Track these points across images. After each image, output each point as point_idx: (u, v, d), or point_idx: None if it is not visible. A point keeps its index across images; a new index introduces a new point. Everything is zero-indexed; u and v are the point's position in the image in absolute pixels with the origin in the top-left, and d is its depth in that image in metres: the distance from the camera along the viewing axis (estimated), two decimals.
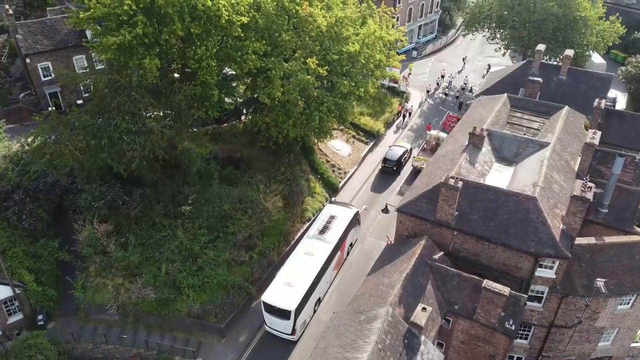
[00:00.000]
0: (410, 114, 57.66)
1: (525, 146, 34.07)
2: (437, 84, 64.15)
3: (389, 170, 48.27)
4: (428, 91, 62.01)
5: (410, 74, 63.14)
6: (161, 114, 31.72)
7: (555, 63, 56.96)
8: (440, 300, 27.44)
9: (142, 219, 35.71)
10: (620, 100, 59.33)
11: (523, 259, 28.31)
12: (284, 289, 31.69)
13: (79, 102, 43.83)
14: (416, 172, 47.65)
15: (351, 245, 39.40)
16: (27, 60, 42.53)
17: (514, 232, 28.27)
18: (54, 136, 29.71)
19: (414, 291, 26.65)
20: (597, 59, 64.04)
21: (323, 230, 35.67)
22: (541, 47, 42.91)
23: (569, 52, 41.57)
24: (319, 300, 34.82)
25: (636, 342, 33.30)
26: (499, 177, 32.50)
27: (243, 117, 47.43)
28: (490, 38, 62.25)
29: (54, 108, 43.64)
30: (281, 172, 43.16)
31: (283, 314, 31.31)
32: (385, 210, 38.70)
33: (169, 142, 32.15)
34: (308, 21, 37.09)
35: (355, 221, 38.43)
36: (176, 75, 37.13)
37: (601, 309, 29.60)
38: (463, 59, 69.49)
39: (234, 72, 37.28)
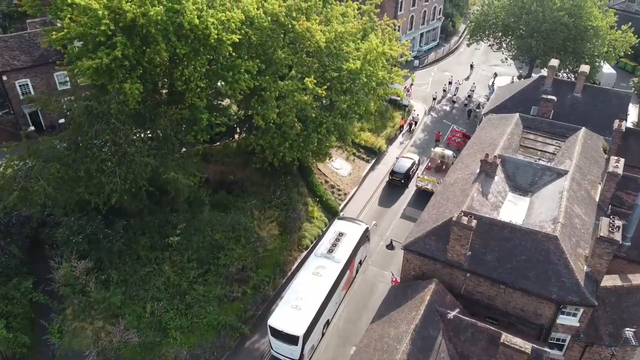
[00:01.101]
0: (416, 122, 55.37)
1: (542, 174, 31.39)
2: (444, 90, 61.77)
3: (397, 183, 45.99)
4: (434, 98, 59.65)
5: (412, 84, 60.45)
6: (144, 141, 28.80)
7: (566, 77, 54.56)
8: (453, 353, 24.70)
9: (126, 253, 32.96)
10: (632, 112, 56.67)
11: (544, 306, 25.61)
12: (292, 312, 29.64)
13: (61, 121, 40.98)
14: (420, 192, 45.09)
15: (360, 263, 37.22)
16: (4, 78, 39.67)
17: (533, 276, 25.56)
18: (25, 169, 26.85)
19: (423, 345, 23.90)
20: (606, 68, 61.42)
21: (332, 249, 33.58)
22: (554, 62, 40.24)
23: (585, 68, 38.86)
24: (327, 323, 32.66)
25: None
26: (514, 209, 29.79)
27: (236, 135, 44.65)
28: (496, 47, 59.55)
29: (33, 128, 40.78)
30: (277, 195, 40.42)
31: (290, 339, 29.06)
32: (390, 247, 35.92)
33: (154, 171, 29.35)
34: (305, 37, 34.31)
35: (364, 238, 36.35)
36: (164, 91, 34.38)
37: (629, 359, 26.95)
38: (471, 65, 67.06)
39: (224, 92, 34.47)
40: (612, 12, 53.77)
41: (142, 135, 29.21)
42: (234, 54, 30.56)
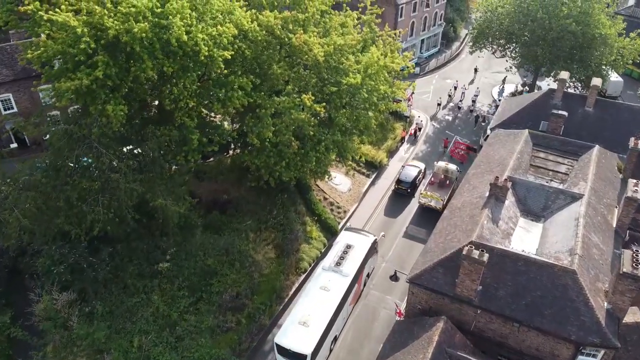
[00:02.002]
0: (420, 129, 53.87)
1: (555, 198, 29.50)
2: (449, 96, 60.21)
3: (403, 192, 44.54)
4: (439, 104, 58.28)
5: (413, 93, 58.43)
6: (130, 165, 26.75)
7: (572, 86, 52.63)
8: None
9: (112, 282, 30.95)
10: None
11: (561, 346, 23.71)
12: (299, 329, 28.63)
13: (47, 137, 38.79)
14: (424, 208, 43.16)
15: (368, 275, 35.86)
16: None
17: (549, 314, 23.66)
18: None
19: None
20: (613, 76, 59.51)
21: (339, 262, 32.43)
22: (564, 75, 38.34)
23: (596, 82, 36.95)
24: (335, 339, 31.36)
25: None
26: (526, 237, 27.88)
27: (231, 151, 42.61)
28: (500, 55, 57.62)
29: (16, 145, 38.66)
30: (273, 215, 38.39)
31: (298, 357, 27.96)
32: (394, 278, 33.96)
33: (141, 198, 27.33)
34: (303, 51, 32.31)
35: (373, 250, 35.04)
36: (154, 103, 32.30)
37: None
38: (475, 69, 65.29)
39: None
40: (621, 19, 51.84)
41: (129, 159, 27.02)
42: (225, 71, 28.51)
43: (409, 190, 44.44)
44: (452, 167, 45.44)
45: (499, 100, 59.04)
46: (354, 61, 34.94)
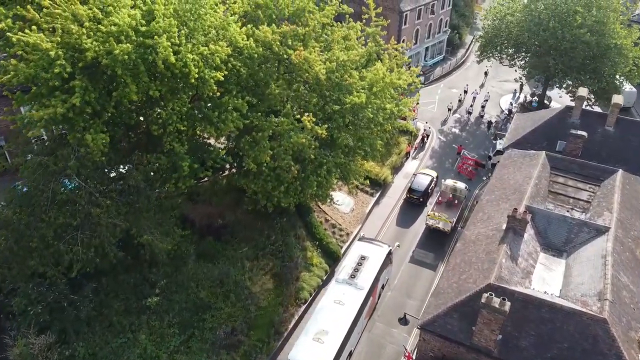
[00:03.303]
0: (428, 135, 52.27)
1: (578, 231, 27.06)
2: (459, 100, 58.57)
3: (415, 201, 42.89)
4: (450, 109, 56.64)
5: (417, 103, 55.92)
6: (113, 198, 24.30)
7: (589, 102, 50.29)
8: None
9: (96, 320, 28.42)
10: None
11: None
12: (314, 345, 27.57)
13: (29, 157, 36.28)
14: (430, 231, 40.71)
15: (382, 287, 34.65)
16: None
17: None
18: None
19: None
20: (627, 87, 57.13)
21: (354, 274, 31.27)
22: (583, 91, 35.89)
23: (618, 99, 34.46)
24: (350, 354, 30.25)
25: None
26: (548, 276, 25.43)
27: (226, 171, 40.10)
28: (509, 65, 55.27)
29: None
30: (272, 241, 35.91)
31: None
32: (404, 322, 31.48)
33: (126, 233, 24.89)
34: (303, 68, 29.85)
35: (387, 261, 33.93)
36: (141, 127, 29.87)
37: None
38: (485, 72, 63.26)
39: None
40: (637, 28, 49.41)
41: (111, 191, 24.57)
42: (218, 93, 26.06)
43: (421, 200, 42.83)
44: (461, 185, 43.00)
45: (514, 105, 57.10)
46: (358, 77, 32.50)
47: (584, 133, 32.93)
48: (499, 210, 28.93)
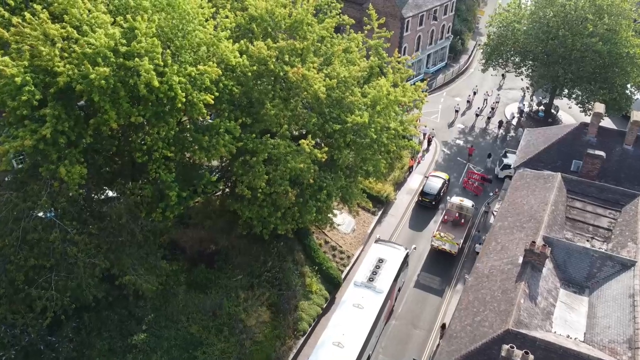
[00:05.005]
0: (433, 137, 51.25)
1: (602, 265, 24.85)
2: (468, 102, 57.37)
3: (427, 205, 42.36)
4: (457, 111, 55.73)
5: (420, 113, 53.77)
6: (91, 233, 22.02)
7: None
8: None
9: None
10: None
11: None
12: (334, 351, 27.25)
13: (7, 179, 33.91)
14: (435, 253, 38.51)
15: (399, 290, 34.63)
16: None
17: None
18: None
19: None
20: (637, 96, 55.06)
21: (372, 277, 31.13)
22: (600, 107, 33.74)
23: (637, 116, 32.29)
24: (368, 358, 30.12)
25: None
26: (570, 316, 23.23)
27: (219, 191, 37.76)
28: (516, 74, 53.23)
29: None
30: (268, 267, 33.60)
31: None
32: None
33: (107, 272, 22.61)
34: (301, 86, 27.60)
35: (405, 264, 34.01)
36: (125, 153, 27.58)
37: None
38: (502, 75, 61.08)
39: None
40: None
41: (90, 224, 22.29)
42: (207, 116, 23.80)
43: (433, 202, 42.35)
44: (468, 203, 40.85)
45: (525, 105, 56.03)
46: (360, 94, 30.27)
47: (602, 153, 30.76)
48: (514, 240, 26.73)
